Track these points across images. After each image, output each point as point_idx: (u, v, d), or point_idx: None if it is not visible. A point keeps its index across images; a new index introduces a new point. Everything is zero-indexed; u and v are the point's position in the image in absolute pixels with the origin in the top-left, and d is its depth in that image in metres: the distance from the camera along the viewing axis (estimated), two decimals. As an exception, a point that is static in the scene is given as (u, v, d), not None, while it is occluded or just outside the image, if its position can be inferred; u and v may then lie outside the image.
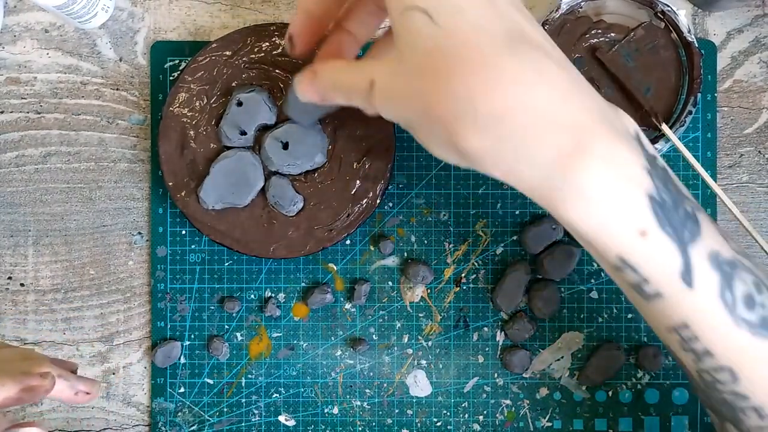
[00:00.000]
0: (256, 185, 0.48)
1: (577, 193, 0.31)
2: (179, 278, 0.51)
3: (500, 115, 0.30)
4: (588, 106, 0.32)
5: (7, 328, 0.52)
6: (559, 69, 0.32)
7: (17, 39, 0.52)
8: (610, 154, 0.31)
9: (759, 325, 0.34)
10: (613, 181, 0.31)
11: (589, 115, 0.31)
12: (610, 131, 0.31)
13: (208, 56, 0.48)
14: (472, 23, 0.31)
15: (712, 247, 0.33)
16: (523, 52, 0.31)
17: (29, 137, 0.52)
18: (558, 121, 0.31)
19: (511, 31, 0.31)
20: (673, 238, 0.32)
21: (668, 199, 0.32)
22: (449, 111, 0.31)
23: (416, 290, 0.52)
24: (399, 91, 0.33)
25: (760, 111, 0.52)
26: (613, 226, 0.32)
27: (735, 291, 0.34)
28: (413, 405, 0.52)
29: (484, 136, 0.31)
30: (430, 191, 0.52)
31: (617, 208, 0.31)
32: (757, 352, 0.34)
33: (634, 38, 0.48)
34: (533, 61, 0.31)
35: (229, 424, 0.51)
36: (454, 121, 0.31)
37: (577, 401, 0.52)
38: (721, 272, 0.33)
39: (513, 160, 0.31)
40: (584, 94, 0.32)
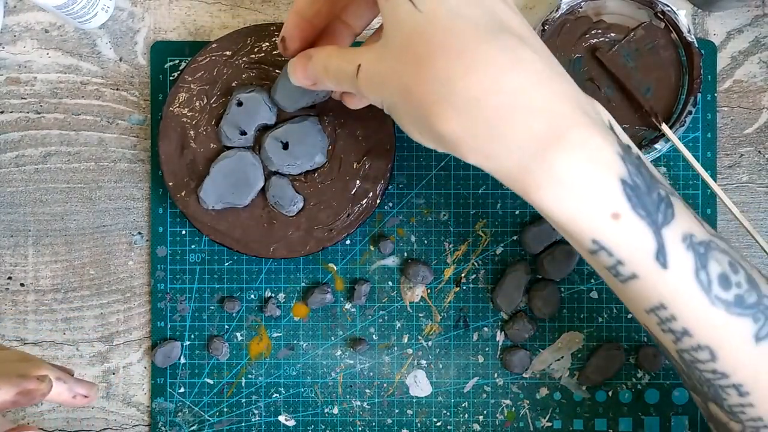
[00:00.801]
0: (256, 185, 0.48)
1: (550, 177, 0.32)
2: (179, 278, 0.51)
3: (476, 97, 0.31)
4: (563, 93, 0.33)
5: (7, 328, 0.52)
6: (537, 56, 0.33)
7: (17, 39, 0.52)
8: (583, 140, 0.32)
9: (734, 304, 0.35)
10: (585, 166, 0.32)
11: (564, 101, 0.32)
12: (584, 117, 0.32)
13: (208, 56, 0.48)
14: (453, 10, 0.32)
15: (686, 230, 0.34)
16: (501, 39, 0.32)
17: (29, 137, 0.52)
18: (532, 106, 0.31)
19: (491, 18, 0.32)
20: (647, 220, 0.33)
21: (641, 183, 0.33)
22: (428, 93, 0.32)
23: (416, 290, 0.52)
24: (382, 74, 0.34)
25: (760, 111, 0.52)
26: (586, 209, 0.32)
27: (710, 271, 0.34)
28: (413, 405, 0.52)
29: (461, 119, 0.32)
30: (430, 191, 0.52)
31: (590, 191, 0.32)
32: (733, 329, 0.35)
33: (634, 38, 0.48)
34: (510, 47, 0.32)
35: (229, 424, 0.52)
36: (433, 104, 0.32)
37: (577, 401, 0.52)
38: (695, 253, 0.34)
39: (488, 143, 0.32)
40: (560, 81, 0.33)
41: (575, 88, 0.34)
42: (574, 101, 0.33)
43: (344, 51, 0.38)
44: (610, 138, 0.33)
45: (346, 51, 0.38)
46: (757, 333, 0.35)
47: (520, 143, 0.32)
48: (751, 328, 0.35)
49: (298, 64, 0.41)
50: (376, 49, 0.35)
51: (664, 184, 0.35)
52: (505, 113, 0.31)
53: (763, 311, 0.35)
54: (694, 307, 0.34)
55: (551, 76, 0.33)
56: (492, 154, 0.32)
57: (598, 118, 0.34)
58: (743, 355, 0.35)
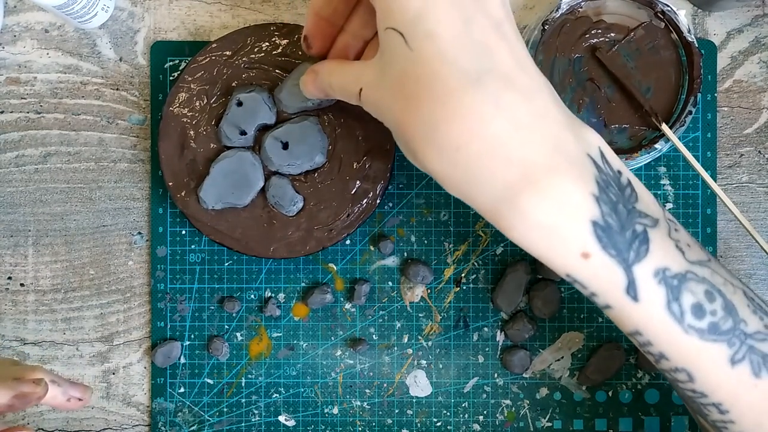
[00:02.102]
0: (256, 185, 0.48)
1: (522, 221, 0.34)
2: (179, 278, 0.51)
3: (457, 145, 0.33)
4: (541, 137, 0.34)
5: (7, 328, 0.52)
6: (521, 101, 0.34)
7: (17, 39, 0.52)
8: (554, 185, 0.34)
9: (708, 331, 0.36)
10: (555, 210, 0.34)
11: (541, 145, 0.34)
12: (559, 161, 0.34)
13: (208, 56, 0.48)
14: (442, 52, 0.34)
15: (659, 264, 0.35)
16: (484, 86, 0.33)
17: (29, 137, 0.52)
18: (509, 155, 0.33)
19: (478, 60, 0.34)
20: (617, 258, 0.35)
21: (614, 222, 0.34)
22: (416, 133, 0.34)
23: (416, 290, 0.52)
24: (379, 104, 0.37)
25: (760, 111, 0.52)
26: (557, 249, 0.34)
27: (682, 302, 0.36)
28: (413, 405, 0.52)
29: (443, 162, 0.34)
30: (430, 191, 0.52)
31: (560, 235, 0.34)
32: (708, 354, 0.36)
33: (634, 38, 0.48)
34: (493, 94, 0.33)
35: (229, 424, 0.52)
36: (419, 143, 0.34)
37: (577, 401, 0.52)
38: (667, 287, 0.35)
39: (466, 185, 0.34)
40: (540, 122, 0.34)
41: (558, 122, 0.35)
42: (551, 144, 0.34)
43: (346, 69, 0.40)
44: (587, 176, 0.34)
45: (347, 70, 0.40)
46: (732, 357, 0.36)
47: (495, 189, 0.34)
48: (726, 353, 0.36)
49: (307, 80, 0.43)
50: (375, 72, 0.37)
51: (649, 213, 0.36)
52: (483, 161, 0.34)
53: (738, 336, 0.36)
54: (668, 335, 0.36)
55: (531, 121, 0.34)
56: (470, 195, 0.35)
57: (579, 153, 0.35)
58: (720, 378, 0.37)
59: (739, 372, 0.36)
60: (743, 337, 0.36)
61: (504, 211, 0.34)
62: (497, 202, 0.34)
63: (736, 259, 0.52)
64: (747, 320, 0.37)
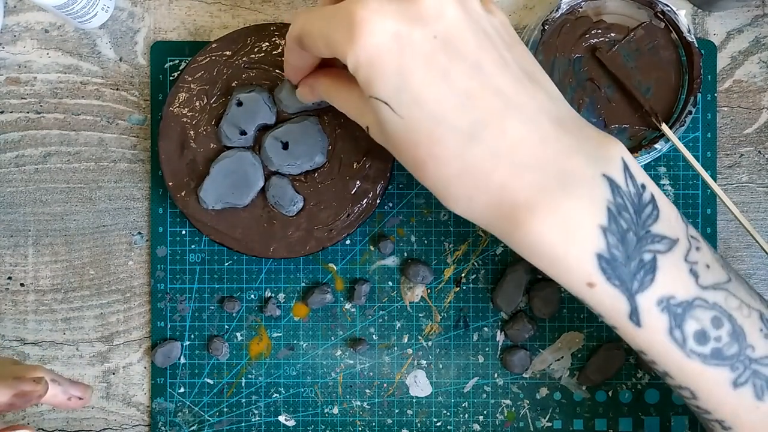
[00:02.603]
0: (256, 185, 0.48)
1: (531, 252, 0.36)
2: (179, 278, 0.51)
3: (468, 197, 0.36)
4: (546, 171, 0.35)
5: (7, 328, 0.52)
6: (519, 140, 0.35)
7: (17, 39, 0.52)
8: (559, 220, 0.35)
9: (711, 356, 0.37)
10: (561, 243, 0.35)
11: (545, 182, 0.35)
12: (564, 195, 0.35)
13: (208, 56, 0.48)
14: (432, 115, 0.35)
15: (664, 293, 0.36)
16: (481, 139, 0.35)
17: (29, 137, 0.52)
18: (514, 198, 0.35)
19: (469, 114, 0.35)
20: (621, 288, 0.36)
21: (620, 253, 0.35)
22: (431, 187, 0.37)
23: (416, 290, 0.52)
24: (388, 148, 0.38)
25: (760, 111, 0.52)
26: (563, 278, 0.36)
27: (685, 329, 0.36)
28: (413, 405, 0.52)
29: (459, 208, 0.37)
30: (430, 191, 0.51)
31: (565, 265, 0.35)
32: (710, 377, 0.37)
33: (634, 38, 0.48)
34: (492, 145, 0.35)
35: (229, 424, 0.52)
36: (436, 193, 0.37)
37: (577, 401, 0.52)
38: (670, 314, 0.36)
39: (484, 223, 0.37)
40: (546, 154, 0.35)
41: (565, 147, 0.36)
42: (557, 176, 0.35)
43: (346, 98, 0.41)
44: (596, 204, 0.35)
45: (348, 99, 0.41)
46: (735, 380, 0.37)
47: (509, 225, 0.36)
48: (729, 376, 0.37)
49: (304, 92, 0.44)
50: (375, 120, 0.37)
51: (667, 234, 0.36)
52: (492, 208, 0.36)
53: (743, 361, 0.37)
54: (670, 358, 0.37)
55: (534, 157, 0.35)
56: (489, 228, 0.37)
57: (591, 177, 0.35)
58: (722, 398, 0.37)
59: (742, 395, 0.37)
60: (748, 362, 0.37)
61: (515, 242, 0.36)
62: (510, 237, 0.36)
63: (736, 259, 0.52)
64: (755, 345, 0.37)
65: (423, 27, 0.34)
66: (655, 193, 0.37)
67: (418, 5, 0.34)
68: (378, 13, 0.34)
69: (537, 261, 0.36)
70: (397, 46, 0.34)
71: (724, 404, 0.37)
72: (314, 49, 0.38)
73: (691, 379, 0.37)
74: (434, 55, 0.34)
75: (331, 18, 0.36)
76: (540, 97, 0.36)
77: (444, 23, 0.35)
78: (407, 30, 0.34)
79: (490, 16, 0.37)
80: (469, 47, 0.35)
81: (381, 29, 0.34)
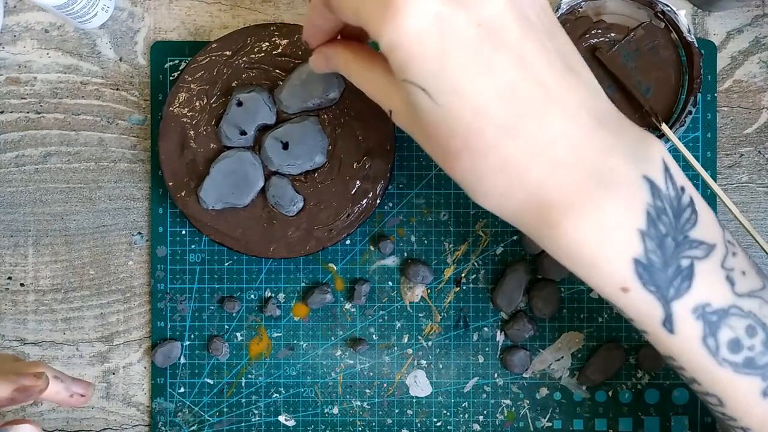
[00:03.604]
0: (256, 185, 0.48)
1: (564, 255, 0.34)
2: (179, 278, 0.51)
3: (501, 193, 0.34)
4: (585, 171, 0.33)
5: (7, 328, 0.52)
6: (559, 135, 0.33)
7: (17, 39, 0.52)
8: (595, 222, 0.33)
9: (743, 365, 0.36)
10: (597, 247, 0.34)
11: (583, 181, 0.33)
12: (603, 196, 0.33)
13: (208, 56, 0.48)
14: (471, 106, 0.33)
15: (700, 300, 0.35)
16: (521, 133, 0.33)
17: (29, 137, 0.52)
18: (549, 197, 0.33)
19: (511, 107, 0.33)
20: (656, 295, 0.34)
21: (658, 259, 0.34)
22: (460, 179, 0.35)
23: (416, 290, 0.52)
24: (414, 136, 0.36)
25: (760, 111, 0.52)
26: (596, 281, 0.35)
27: (719, 338, 0.35)
28: (413, 405, 0.52)
29: (489, 203, 0.35)
30: (430, 191, 0.52)
31: (600, 269, 0.34)
32: (740, 385, 0.36)
33: (634, 38, 0.48)
34: (532, 140, 0.33)
35: (229, 424, 0.51)
36: (465, 186, 0.35)
37: (577, 401, 0.52)
38: (705, 322, 0.35)
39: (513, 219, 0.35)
40: (584, 154, 0.34)
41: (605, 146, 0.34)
42: (596, 176, 0.33)
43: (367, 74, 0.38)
44: (635, 207, 0.34)
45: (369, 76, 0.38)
46: (765, 390, 0.36)
47: (541, 224, 0.34)
48: (760, 386, 0.36)
49: (317, 62, 0.41)
50: (404, 104, 0.36)
51: (705, 239, 0.35)
52: (526, 205, 0.34)
53: None
54: (701, 365, 0.36)
55: (572, 155, 0.33)
56: (518, 226, 0.35)
57: (631, 179, 0.34)
58: (750, 407, 0.37)
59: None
60: None
61: (547, 241, 0.34)
62: (542, 237, 0.34)
63: (736, 259, 0.52)
64: None
65: (467, 12, 0.32)
66: (694, 197, 0.35)
67: None
68: None
69: (569, 263, 0.34)
70: (438, 30, 0.32)
71: (752, 413, 0.37)
72: (342, 14, 0.35)
73: (720, 388, 0.36)
74: (478, 42, 0.32)
75: None
76: (581, 90, 0.35)
77: (488, 10, 0.32)
78: (450, 13, 0.32)
79: (533, 1, 0.35)
80: (514, 36, 0.33)
81: (422, 11, 0.32)
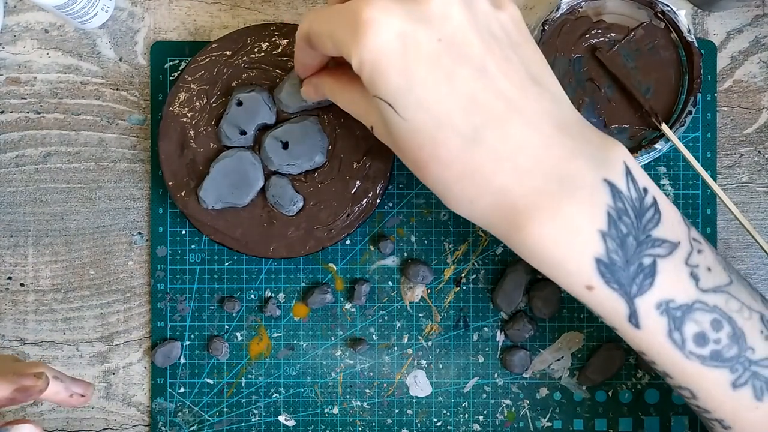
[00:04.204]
0: (256, 185, 0.48)
1: (530, 254, 0.36)
2: (179, 278, 0.51)
3: (470, 199, 0.36)
4: (547, 175, 0.35)
5: (7, 328, 0.52)
6: (521, 143, 0.35)
7: (17, 39, 0.52)
8: (558, 224, 0.35)
9: (710, 358, 0.37)
10: (560, 247, 0.35)
11: (545, 185, 0.35)
12: (564, 199, 0.35)
13: (208, 56, 0.48)
14: (435, 117, 0.35)
15: (663, 297, 0.36)
16: (483, 142, 0.35)
17: (29, 137, 0.52)
18: (514, 201, 0.35)
19: (472, 118, 0.35)
20: (619, 292, 0.36)
21: (619, 258, 0.35)
22: (432, 187, 0.37)
23: (416, 290, 0.52)
24: (392, 147, 0.38)
25: (760, 111, 0.52)
26: (562, 280, 0.36)
27: (684, 332, 0.37)
28: (413, 405, 0.52)
29: (461, 209, 0.37)
30: (430, 191, 0.51)
31: (564, 268, 0.36)
32: (709, 377, 0.37)
33: (634, 38, 0.48)
34: (493, 147, 0.35)
35: (229, 424, 0.51)
36: (438, 194, 0.37)
37: (577, 401, 0.52)
38: (669, 317, 0.36)
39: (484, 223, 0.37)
40: (546, 158, 0.35)
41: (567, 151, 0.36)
42: (557, 179, 0.35)
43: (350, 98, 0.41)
44: (596, 209, 0.35)
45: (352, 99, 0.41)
46: (734, 381, 0.37)
47: (509, 227, 0.36)
48: (728, 377, 0.37)
49: (308, 92, 0.45)
50: (380, 119, 0.37)
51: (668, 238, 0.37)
52: (493, 209, 0.36)
53: (742, 363, 0.37)
54: (670, 359, 0.37)
55: (535, 160, 0.35)
56: (489, 229, 0.37)
57: (592, 182, 0.35)
58: (721, 398, 0.38)
59: (741, 395, 0.37)
60: (747, 363, 0.37)
61: (515, 244, 0.36)
62: (511, 240, 0.36)
63: (736, 259, 0.52)
64: (755, 347, 0.37)
65: (428, 28, 0.34)
66: (657, 197, 0.37)
67: (423, 6, 0.34)
68: (383, 13, 0.34)
69: (537, 264, 0.36)
70: (401, 47, 0.34)
71: (723, 404, 0.38)
72: (322, 48, 0.38)
73: (690, 380, 0.38)
74: (438, 57, 0.34)
75: (338, 17, 0.36)
76: (544, 99, 0.36)
77: (449, 25, 0.35)
78: (412, 30, 0.34)
79: (499, 13, 0.36)
80: (474, 50, 0.35)
81: (386, 29, 0.34)
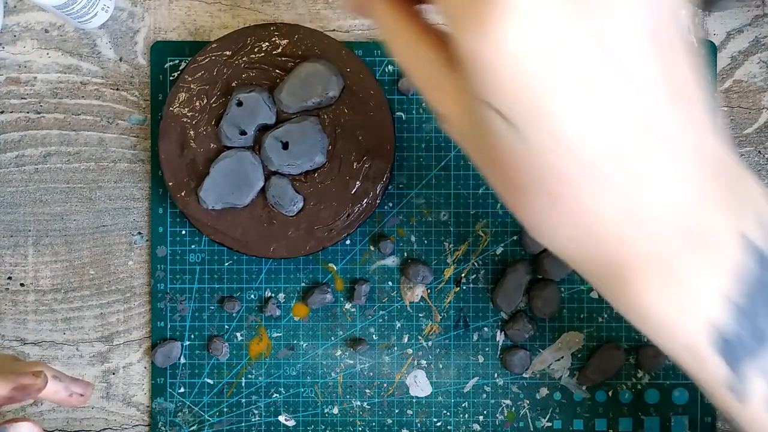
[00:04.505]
0: (256, 185, 0.48)
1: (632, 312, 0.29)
2: (179, 278, 0.51)
3: (569, 237, 0.28)
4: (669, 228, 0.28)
5: (7, 328, 0.52)
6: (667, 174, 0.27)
7: (17, 39, 0.52)
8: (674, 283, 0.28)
9: None
10: (671, 310, 0.28)
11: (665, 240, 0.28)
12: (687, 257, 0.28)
13: (208, 56, 0.48)
14: (567, 150, 0.26)
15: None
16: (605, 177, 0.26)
17: (29, 137, 0.52)
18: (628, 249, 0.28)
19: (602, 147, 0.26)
20: (727, 361, 0.30)
21: (740, 332, 0.29)
22: (520, 215, 0.29)
23: (416, 290, 0.52)
24: (470, 154, 0.30)
25: (760, 111, 0.52)
26: (663, 344, 0.30)
27: None
28: (413, 405, 0.52)
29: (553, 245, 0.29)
30: (430, 191, 0.52)
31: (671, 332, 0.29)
32: None
33: (634, 38, 0.48)
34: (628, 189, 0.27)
35: (229, 424, 0.52)
36: (525, 222, 0.29)
37: (577, 401, 0.52)
38: None
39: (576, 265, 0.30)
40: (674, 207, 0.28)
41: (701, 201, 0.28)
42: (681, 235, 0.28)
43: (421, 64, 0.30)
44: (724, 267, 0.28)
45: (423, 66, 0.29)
46: None
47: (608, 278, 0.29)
48: None
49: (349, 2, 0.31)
50: (464, 115, 0.28)
51: None
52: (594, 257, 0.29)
53: None
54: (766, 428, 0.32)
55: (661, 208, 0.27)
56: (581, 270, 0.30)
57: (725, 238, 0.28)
58: None
59: None
60: None
61: (612, 297, 0.29)
62: (608, 289, 0.29)
63: (736, 259, 0.52)
64: None
65: (590, 25, 0.25)
66: None
67: None
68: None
69: (638, 323, 0.29)
70: (548, 50, 0.24)
71: None
72: None
73: None
74: (593, 74, 0.25)
75: None
76: (698, 129, 0.28)
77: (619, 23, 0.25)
78: (567, 27, 0.24)
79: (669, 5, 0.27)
80: (639, 61, 0.26)
81: (531, 18, 0.24)
